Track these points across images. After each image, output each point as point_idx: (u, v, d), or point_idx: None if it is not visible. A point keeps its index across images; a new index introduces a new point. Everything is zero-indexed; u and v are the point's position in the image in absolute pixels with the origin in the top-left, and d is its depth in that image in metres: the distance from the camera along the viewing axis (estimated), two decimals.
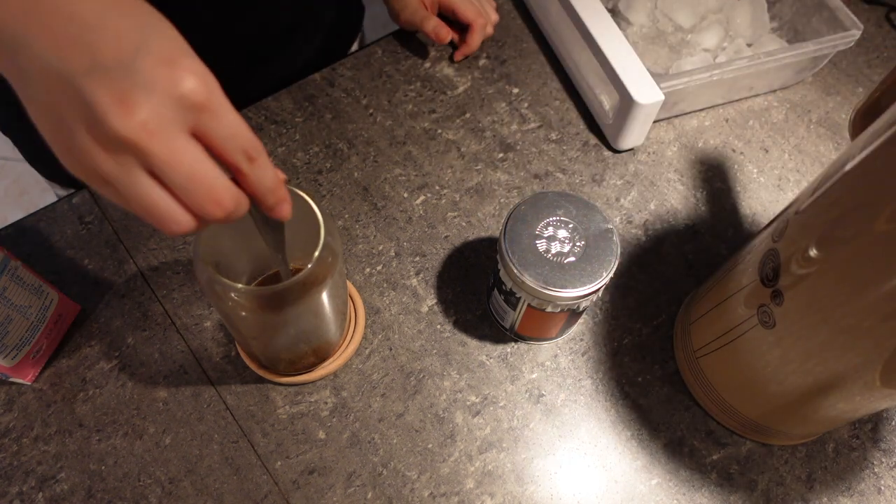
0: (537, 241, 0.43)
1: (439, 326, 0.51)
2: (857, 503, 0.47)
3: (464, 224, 0.56)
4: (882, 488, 0.47)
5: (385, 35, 0.68)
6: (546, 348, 0.51)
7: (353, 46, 0.77)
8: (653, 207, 0.58)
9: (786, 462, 0.48)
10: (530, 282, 0.41)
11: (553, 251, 0.42)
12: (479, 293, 0.53)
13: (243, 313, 0.37)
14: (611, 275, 0.42)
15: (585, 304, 0.44)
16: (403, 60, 0.66)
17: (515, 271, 0.42)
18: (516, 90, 0.65)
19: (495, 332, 0.52)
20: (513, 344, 0.51)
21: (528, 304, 0.44)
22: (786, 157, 0.62)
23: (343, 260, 0.40)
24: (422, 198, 0.57)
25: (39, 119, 0.26)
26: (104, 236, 0.54)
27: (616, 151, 0.61)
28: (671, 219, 0.58)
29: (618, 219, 0.58)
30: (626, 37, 0.59)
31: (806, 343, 0.37)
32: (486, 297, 0.53)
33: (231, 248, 0.40)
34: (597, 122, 0.63)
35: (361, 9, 0.80)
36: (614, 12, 0.67)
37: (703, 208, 0.59)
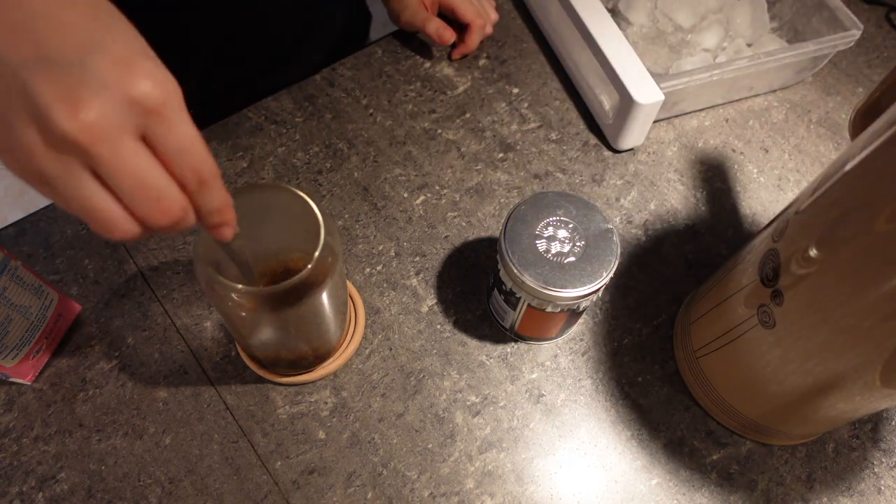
0: (537, 241, 0.43)
1: (439, 326, 0.51)
2: (857, 503, 0.47)
3: (464, 224, 0.56)
4: (882, 488, 0.47)
5: (385, 35, 0.68)
6: (546, 348, 0.51)
7: None
8: (653, 207, 0.58)
9: (786, 462, 0.48)
10: (530, 282, 0.41)
11: (553, 251, 0.42)
12: (479, 293, 0.53)
13: (243, 314, 0.37)
14: (611, 275, 0.42)
15: (585, 304, 0.44)
16: (403, 60, 0.66)
17: (515, 271, 0.42)
18: (516, 90, 0.65)
19: (495, 332, 0.52)
20: (513, 344, 0.51)
21: (528, 304, 0.44)
22: (786, 157, 0.62)
23: (343, 260, 0.40)
24: (422, 198, 0.57)
25: None
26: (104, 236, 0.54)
27: (616, 151, 0.61)
28: (671, 219, 0.58)
29: (618, 219, 0.58)
30: (626, 37, 0.59)
31: (806, 343, 0.37)
32: (486, 297, 0.53)
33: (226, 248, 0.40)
34: (597, 122, 0.63)
35: (368, 16, 0.80)
36: (614, 12, 0.67)
37: (703, 208, 0.59)
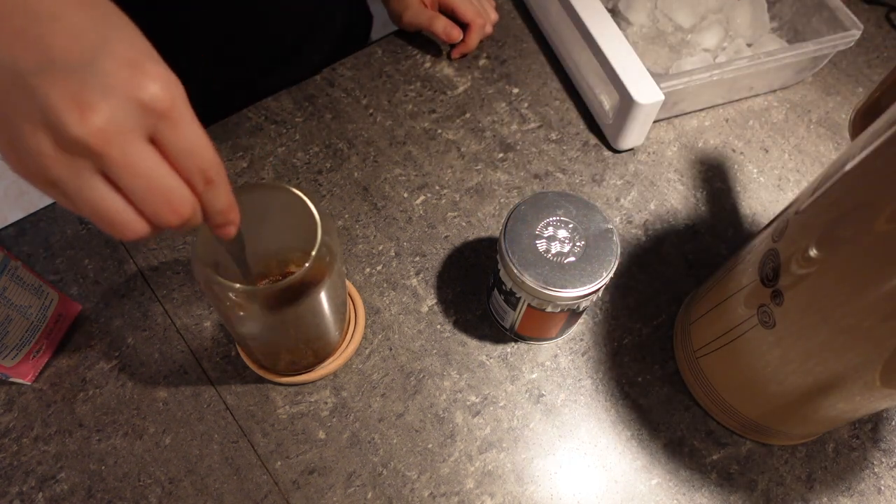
0: (537, 241, 0.43)
1: (439, 326, 0.51)
2: (857, 503, 0.47)
3: (464, 224, 0.56)
4: (882, 488, 0.47)
5: (385, 35, 0.68)
6: (546, 348, 0.51)
7: None
8: (653, 207, 0.58)
9: (786, 462, 0.48)
10: (530, 282, 0.41)
11: (553, 251, 0.42)
12: (479, 293, 0.53)
13: (242, 313, 0.37)
14: (611, 275, 0.42)
15: (585, 304, 0.44)
16: (403, 60, 0.66)
17: (515, 271, 0.42)
18: (516, 90, 0.65)
19: (495, 332, 0.52)
20: (513, 344, 0.51)
21: (528, 304, 0.44)
22: (786, 157, 0.62)
23: (342, 259, 0.40)
24: (422, 198, 0.57)
25: None
26: (104, 236, 0.54)
27: (616, 151, 0.61)
28: (671, 219, 0.58)
29: (618, 219, 0.58)
30: (626, 37, 0.59)
31: (806, 343, 0.37)
32: (486, 297, 0.53)
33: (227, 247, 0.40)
34: (597, 122, 0.63)
35: (370, 17, 0.80)
36: (614, 12, 0.67)
37: (703, 208, 0.59)
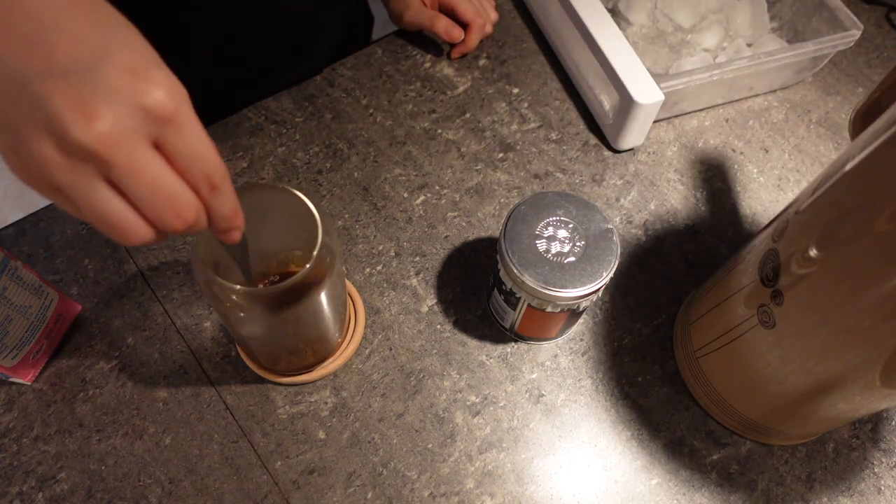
0: (537, 241, 0.43)
1: (439, 326, 0.51)
2: (857, 503, 0.47)
3: (464, 224, 0.56)
4: (882, 488, 0.47)
5: (385, 35, 0.68)
6: (546, 348, 0.51)
7: None
8: (653, 207, 0.58)
9: (786, 462, 0.48)
10: (530, 282, 0.41)
11: (553, 251, 0.42)
12: (479, 293, 0.53)
13: (242, 314, 0.37)
14: (611, 275, 0.42)
15: (585, 304, 0.44)
16: (403, 60, 0.66)
17: (515, 271, 0.42)
18: (516, 90, 0.65)
19: (495, 332, 0.52)
20: (513, 344, 0.51)
21: (528, 304, 0.44)
22: (786, 157, 0.62)
23: (342, 260, 0.40)
24: (422, 198, 0.57)
25: None
26: (104, 236, 0.54)
27: (616, 151, 0.61)
28: (671, 219, 0.58)
29: (618, 219, 0.58)
30: (626, 37, 0.59)
31: (806, 343, 0.37)
32: (486, 297, 0.53)
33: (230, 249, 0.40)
34: (597, 122, 0.63)
35: (370, 18, 0.80)
36: (614, 12, 0.67)
37: (703, 208, 0.59)
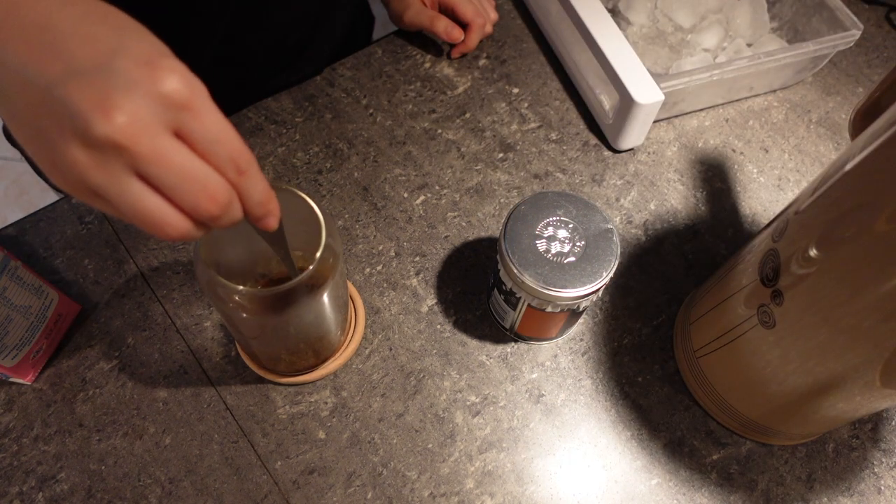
0: (537, 241, 0.43)
1: (439, 326, 0.51)
2: (857, 503, 0.47)
3: (464, 224, 0.56)
4: (882, 488, 0.47)
5: (385, 35, 0.68)
6: (546, 348, 0.51)
7: None
8: (653, 207, 0.58)
9: (786, 462, 0.48)
10: (530, 282, 0.41)
11: (553, 251, 0.42)
12: (479, 293, 0.53)
13: (244, 315, 0.37)
14: (611, 275, 0.42)
15: (585, 304, 0.44)
16: (403, 60, 0.66)
17: (515, 271, 0.42)
18: (516, 90, 0.65)
19: (495, 332, 0.52)
20: (513, 344, 0.51)
21: (528, 304, 0.44)
22: (786, 157, 0.62)
23: (343, 260, 0.40)
24: (422, 198, 0.57)
25: (23, 136, 0.26)
26: (104, 236, 0.54)
27: (616, 151, 0.61)
28: (671, 219, 0.58)
29: (618, 219, 0.58)
30: (626, 37, 0.59)
31: (806, 343, 0.37)
32: (486, 297, 0.53)
33: (232, 249, 0.40)
34: (597, 122, 0.63)
35: (371, 19, 0.80)
36: (614, 12, 0.67)
37: (703, 208, 0.59)
